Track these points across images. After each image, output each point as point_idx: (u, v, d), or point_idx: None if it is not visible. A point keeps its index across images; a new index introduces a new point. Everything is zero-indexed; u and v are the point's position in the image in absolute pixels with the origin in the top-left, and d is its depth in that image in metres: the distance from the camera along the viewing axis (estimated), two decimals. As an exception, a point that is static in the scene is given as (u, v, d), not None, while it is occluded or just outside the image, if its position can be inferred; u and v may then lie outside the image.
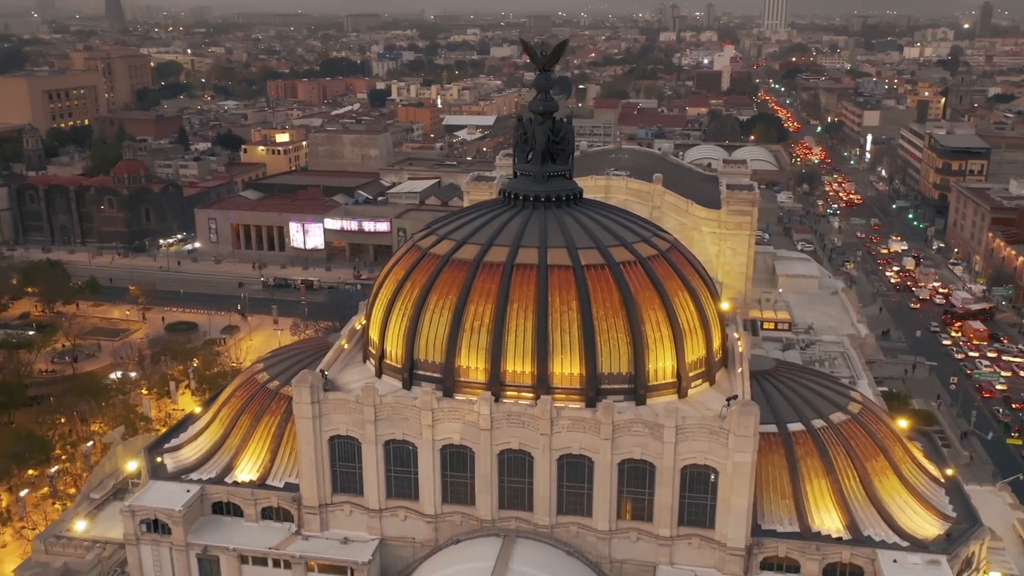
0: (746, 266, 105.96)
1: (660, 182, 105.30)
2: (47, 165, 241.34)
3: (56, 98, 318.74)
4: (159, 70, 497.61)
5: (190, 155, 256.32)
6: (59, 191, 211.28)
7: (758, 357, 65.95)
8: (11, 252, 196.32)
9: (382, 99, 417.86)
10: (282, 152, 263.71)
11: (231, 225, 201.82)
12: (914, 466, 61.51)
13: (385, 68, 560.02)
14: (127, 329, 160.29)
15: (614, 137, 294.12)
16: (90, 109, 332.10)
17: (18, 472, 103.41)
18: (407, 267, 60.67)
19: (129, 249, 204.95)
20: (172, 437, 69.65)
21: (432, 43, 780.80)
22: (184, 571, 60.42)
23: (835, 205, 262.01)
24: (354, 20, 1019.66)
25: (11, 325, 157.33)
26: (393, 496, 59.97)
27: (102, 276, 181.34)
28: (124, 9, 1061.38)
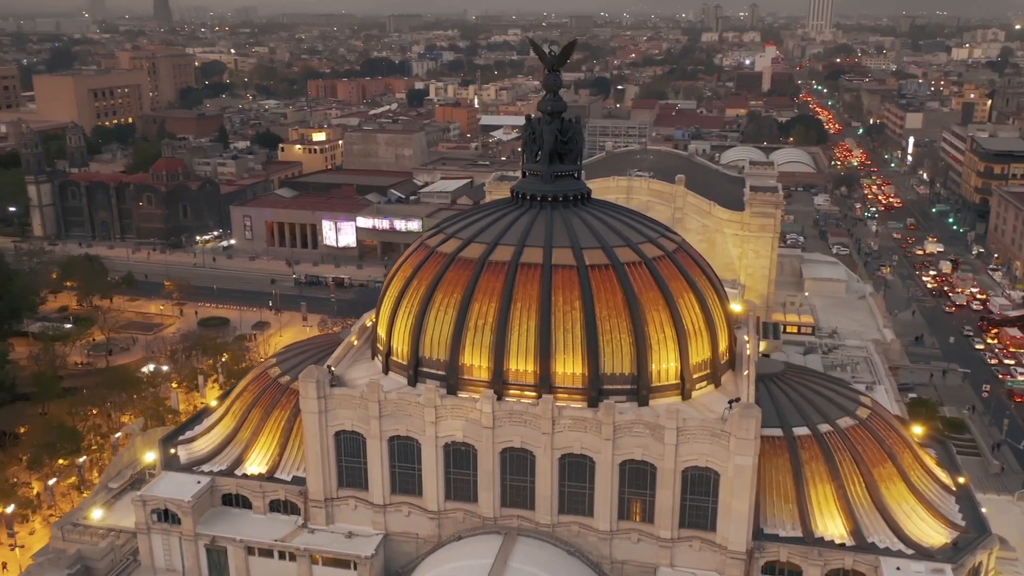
0: (769, 269, 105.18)
1: (682, 183, 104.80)
2: (89, 162, 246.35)
3: (101, 96, 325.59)
4: (203, 70, 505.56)
5: (228, 153, 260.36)
6: (100, 188, 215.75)
7: (767, 360, 65.46)
8: (53, 247, 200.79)
9: (420, 99, 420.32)
10: (318, 151, 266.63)
11: (265, 223, 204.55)
12: (924, 473, 60.63)
13: (425, 68, 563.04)
14: (161, 324, 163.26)
15: (648, 138, 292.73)
16: (134, 107, 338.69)
17: (49, 461, 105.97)
18: (414, 265, 61.28)
19: (166, 245, 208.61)
20: (187, 429, 71.07)
21: (472, 43, 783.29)
22: (193, 561, 61.63)
23: (873, 208, 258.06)
24: (396, 20, 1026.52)
25: (49, 318, 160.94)
26: (397, 492, 60.60)
27: (138, 271, 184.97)
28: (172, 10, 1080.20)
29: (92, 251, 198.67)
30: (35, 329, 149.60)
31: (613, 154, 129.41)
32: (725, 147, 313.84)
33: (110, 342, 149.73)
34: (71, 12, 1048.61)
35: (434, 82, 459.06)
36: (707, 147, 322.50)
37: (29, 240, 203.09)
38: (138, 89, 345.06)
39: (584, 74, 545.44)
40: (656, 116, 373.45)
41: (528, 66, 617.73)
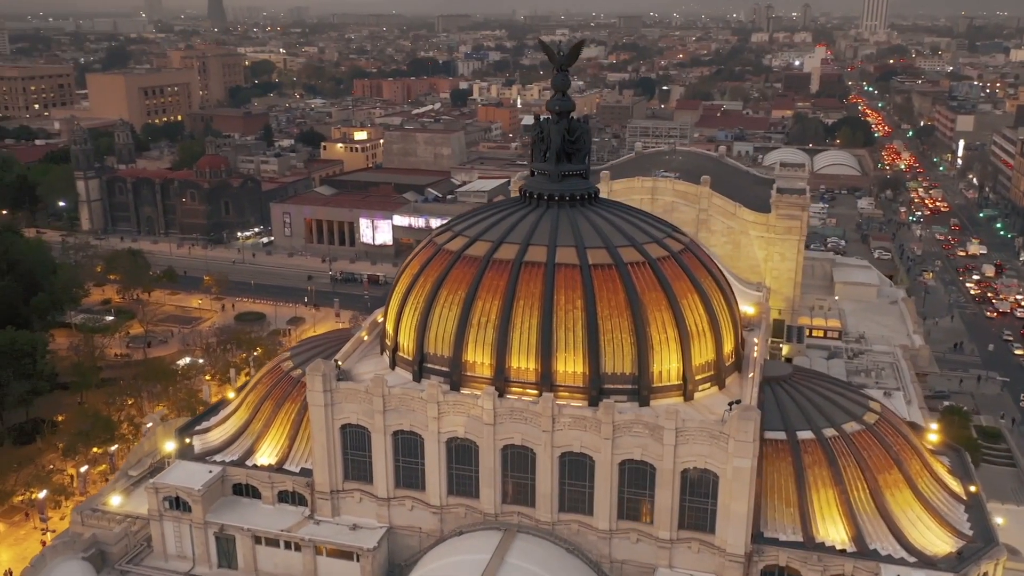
0: (795, 272, 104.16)
1: (707, 184, 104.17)
2: (137, 159, 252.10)
3: (151, 95, 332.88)
4: (253, 69, 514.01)
5: (271, 151, 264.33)
6: (146, 184, 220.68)
7: (774, 363, 64.92)
8: (99, 241, 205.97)
9: (463, 99, 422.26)
10: (359, 149, 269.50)
11: (304, 220, 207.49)
12: (932, 481, 59.67)
13: (470, 68, 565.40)
14: (199, 317, 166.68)
15: (690, 139, 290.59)
16: (183, 105, 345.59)
17: (84, 449, 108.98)
18: (422, 262, 62.03)
19: (208, 241, 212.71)
20: (204, 420, 72.72)
21: (519, 43, 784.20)
22: (203, 548, 63.07)
23: (919, 213, 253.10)
24: (445, 20, 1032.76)
25: (93, 310, 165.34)
26: (401, 486, 61.38)
27: (179, 266, 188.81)
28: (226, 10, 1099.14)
29: (136, 245, 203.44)
30: (77, 320, 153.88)
31: (642, 154, 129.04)
32: (769, 148, 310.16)
33: (148, 334, 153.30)
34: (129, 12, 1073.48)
35: (478, 82, 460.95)
36: (750, 148, 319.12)
37: (76, 234, 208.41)
38: (187, 87, 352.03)
39: (629, 74, 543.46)
40: (700, 117, 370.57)
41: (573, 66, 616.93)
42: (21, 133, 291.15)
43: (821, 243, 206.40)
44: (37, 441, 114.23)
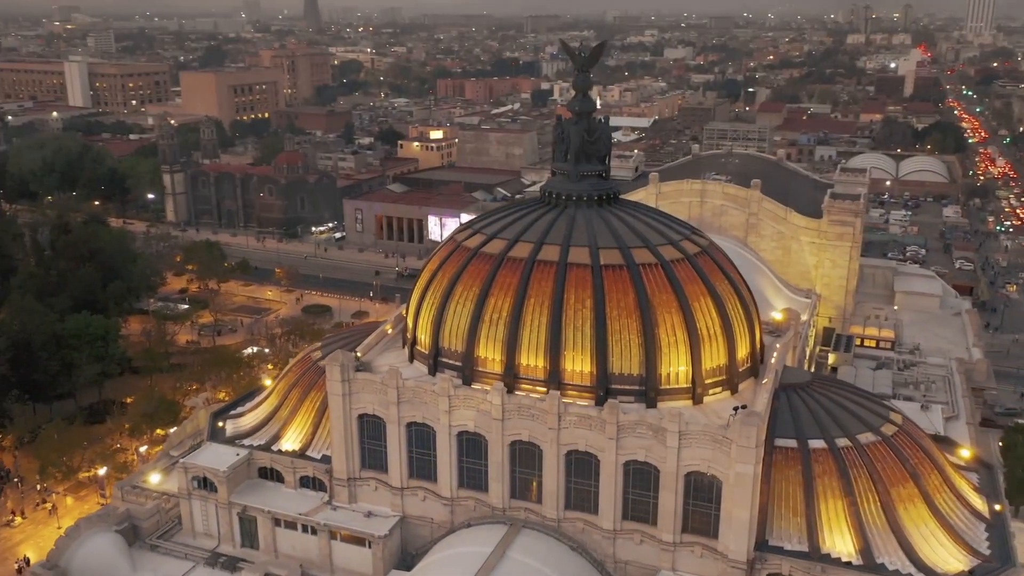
0: (847, 279, 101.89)
1: (758, 188, 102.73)
2: (221, 154, 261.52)
3: (240, 92, 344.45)
4: (341, 68, 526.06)
5: (349, 148, 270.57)
6: (227, 178, 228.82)
7: (794, 370, 63.88)
8: (182, 232, 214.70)
9: (544, 99, 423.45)
10: (434, 148, 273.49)
11: (375, 216, 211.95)
12: (952, 497, 57.89)
13: (555, 69, 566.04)
14: (269, 308, 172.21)
15: (769, 143, 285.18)
16: (270, 103, 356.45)
17: (148, 431, 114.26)
18: (441, 258, 63.33)
19: (284, 235, 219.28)
20: (239, 405, 75.62)
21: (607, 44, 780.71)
22: (227, 527, 65.75)
23: (1008, 223, 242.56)
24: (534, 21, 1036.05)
25: (170, 298, 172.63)
26: (414, 476, 62.77)
27: (254, 259, 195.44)
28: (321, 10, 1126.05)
29: (216, 238, 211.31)
30: (153, 308, 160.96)
31: (699, 157, 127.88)
32: (853, 153, 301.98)
33: (217, 323, 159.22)
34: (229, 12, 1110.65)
35: (559, 82, 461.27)
36: (833, 153, 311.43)
37: (159, 225, 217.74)
38: (274, 86, 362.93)
39: (715, 76, 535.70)
40: (783, 120, 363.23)
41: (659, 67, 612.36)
42: (116, 128, 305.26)
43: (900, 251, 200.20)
44: (107, 421, 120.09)
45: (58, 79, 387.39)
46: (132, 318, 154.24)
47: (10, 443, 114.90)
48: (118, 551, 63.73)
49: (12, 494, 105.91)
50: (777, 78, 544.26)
